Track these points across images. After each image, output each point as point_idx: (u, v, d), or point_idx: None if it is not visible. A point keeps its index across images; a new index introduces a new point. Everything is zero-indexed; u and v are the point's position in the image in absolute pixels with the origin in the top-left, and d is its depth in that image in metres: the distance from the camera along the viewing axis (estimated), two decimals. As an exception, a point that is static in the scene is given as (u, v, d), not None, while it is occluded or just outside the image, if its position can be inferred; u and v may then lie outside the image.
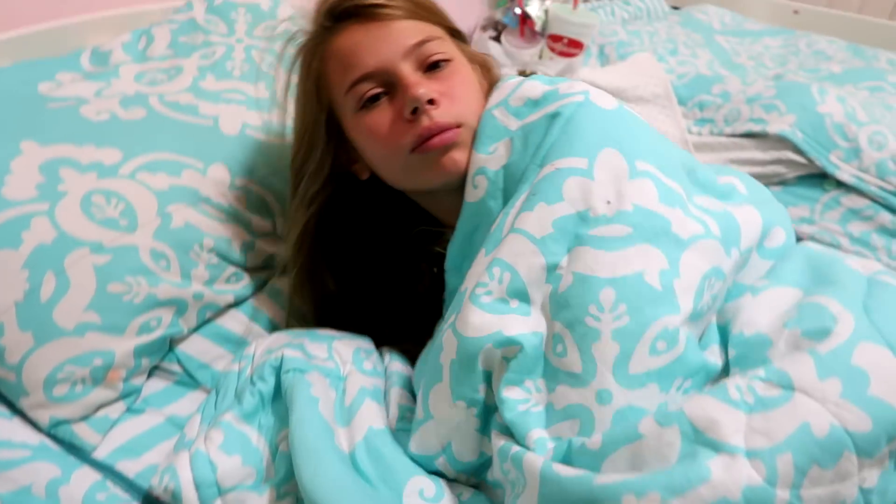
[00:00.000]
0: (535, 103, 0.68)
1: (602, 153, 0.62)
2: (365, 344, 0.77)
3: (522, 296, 0.59)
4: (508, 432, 0.57)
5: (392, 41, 0.69)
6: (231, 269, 0.82)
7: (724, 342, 0.60)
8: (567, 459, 0.52)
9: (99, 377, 0.68)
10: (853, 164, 1.65)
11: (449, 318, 0.62)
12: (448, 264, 0.72)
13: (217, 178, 0.84)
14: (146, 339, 0.72)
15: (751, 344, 0.56)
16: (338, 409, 0.66)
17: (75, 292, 0.68)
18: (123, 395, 0.71)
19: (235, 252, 0.82)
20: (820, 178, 1.59)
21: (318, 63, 0.73)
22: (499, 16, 1.80)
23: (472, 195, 0.68)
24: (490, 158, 0.67)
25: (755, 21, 2.56)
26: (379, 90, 0.69)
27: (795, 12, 2.60)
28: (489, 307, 0.58)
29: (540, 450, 0.54)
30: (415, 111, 0.66)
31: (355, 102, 0.70)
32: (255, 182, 0.87)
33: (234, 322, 0.82)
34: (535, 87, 0.69)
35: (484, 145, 0.67)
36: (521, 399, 0.56)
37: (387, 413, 0.67)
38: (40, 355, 0.66)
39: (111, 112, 0.84)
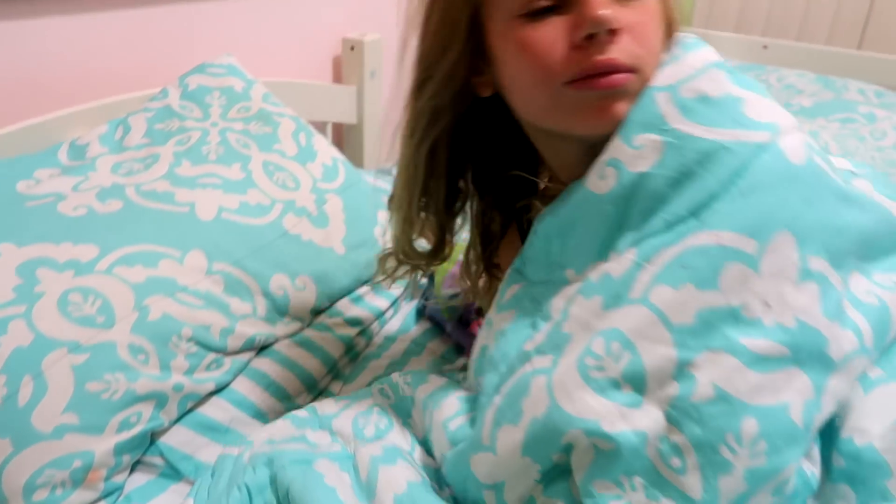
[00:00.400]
0: (710, 104, 0.56)
1: (775, 238, 0.52)
2: (362, 405, 0.76)
3: (638, 384, 0.52)
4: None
5: None
6: (211, 356, 0.83)
7: (826, 439, 0.54)
8: None
9: (79, 479, 0.68)
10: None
11: (542, 357, 0.58)
12: (542, 232, 0.64)
13: (194, 265, 0.85)
14: (126, 435, 0.72)
15: (864, 462, 0.51)
16: (357, 489, 0.64)
17: (53, 394, 0.69)
18: (105, 495, 0.71)
19: (215, 338, 0.83)
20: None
21: None
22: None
23: (594, 184, 0.58)
24: (632, 154, 0.56)
25: (727, 59, 2.60)
26: (553, 2, 0.56)
27: (765, 47, 2.66)
28: (597, 386, 0.53)
29: None
30: (590, 37, 0.54)
31: (519, 6, 0.57)
32: (232, 265, 0.89)
33: (217, 410, 0.82)
34: (718, 80, 0.57)
35: (631, 132, 0.56)
36: (614, 495, 0.52)
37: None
38: (19, 461, 0.66)
39: (88, 206, 0.86)
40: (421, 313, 1.10)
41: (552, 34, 0.56)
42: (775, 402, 0.49)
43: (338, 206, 1.06)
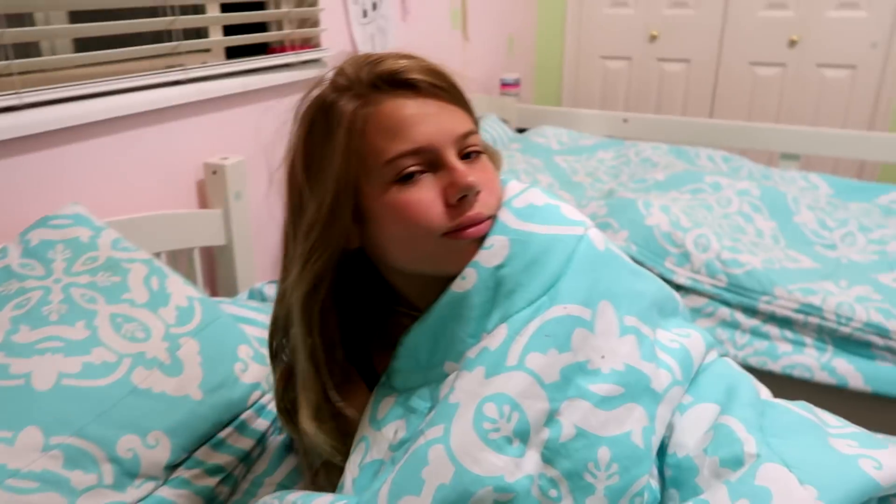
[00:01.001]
0: (537, 211, 0.71)
1: (600, 306, 0.69)
2: None
3: (524, 437, 0.63)
4: None
5: (443, 123, 0.69)
6: (48, 541, 0.79)
7: (659, 456, 0.70)
8: None
9: None
10: (686, 268, 1.80)
11: (434, 428, 0.64)
12: (411, 343, 0.73)
13: (28, 444, 0.82)
14: None
15: (683, 468, 0.67)
16: None
17: None
18: None
19: (53, 520, 0.80)
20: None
21: (361, 122, 0.69)
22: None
23: (458, 285, 0.69)
24: (486, 254, 0.69)
25: (590, 136, 2.79)
26: (420, 168, 0.67)
27: (625, 121, 2.86)
28: (495, 445, 0.62)
29: None
30: (462, 198, 0.67)
31: (394, 174, 0.67)
32: (73, 435, 0.86)
33: None
34: (537, 194, 0.74)
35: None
36: None
37: None
38: None
39: None
40: (289, 447, 1.09)
41: (428, 196, 0.67)
42: (620, 431, 0.64)
43: (193, 349, 1.05)
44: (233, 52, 1.68)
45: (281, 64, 1.71)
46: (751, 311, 1.73)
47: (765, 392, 0.81)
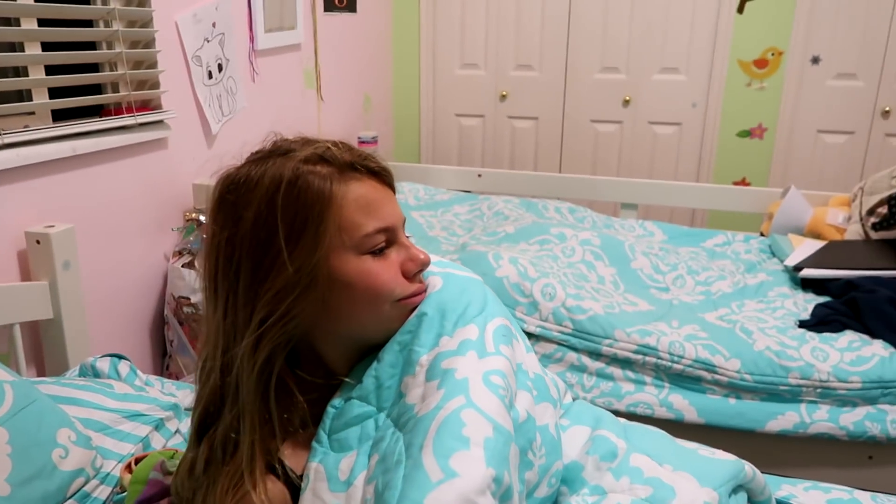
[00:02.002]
0: (440, 265, 0.88)
1: (491, 323, 0.82)
2: None
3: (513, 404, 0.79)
4: None
5: (397, 208, 0.80)
6: None
7: None
8: None
9: None
10: (535, 316, 1.88)
11: (454, 400, 0.70)
12: (385, 362, 0.78)
13: None
14: None
15: (570, 469, 0.82)
16: None
17: None
18: None
19: None
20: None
21: (340, 197, 0.74)
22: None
23: (415, 314, 0.81)
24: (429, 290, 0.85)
25: (446, 191, 2.88)
26: (386, 243, 0.77)
27: (479, 176, 2.99)
28: (509, 406, 0.74)
29: None
30: (418, 272, 0.80)
31: (370, 246, 0.75)
32: None
33: None
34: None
35: None
36: None
37: None
38: None
39: None
40: (118, 537, 1.01)
41: (392, 267, 0.77)
42: (543, 423, 0.79)
43: (2, 439, 0.96)
44: (61, 115, 1.60)
45: (116, 126, 1.65)
46: (595, 355, 1.83)
47: (623, 420, 0.96)
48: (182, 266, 1.79)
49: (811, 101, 3.10)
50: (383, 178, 0.80)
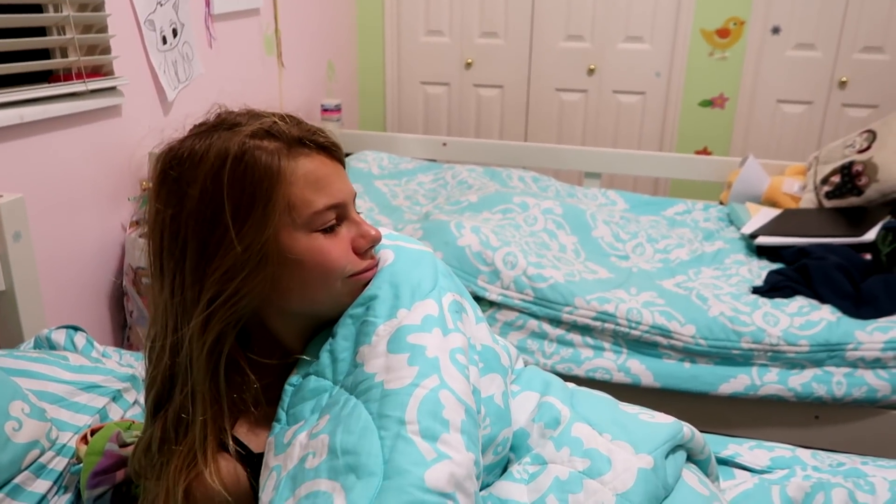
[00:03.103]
0: (391, 238, 0.88)
1: (465, 298, 0.86)
2: None
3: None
4: None
5: (347, 184, 0.79)
6: None
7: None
8: None
9: None
10: (497, 285, 1.90)
11: (429, 379, 0.70)
12: (341, 334, 0.78)
13: None
14: None
15: (517, 435, 0.84)
16: None
17: None
18: None
19: None
20: (476, 300, 1.80)
21: (290, 173, 0.73)
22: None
23: (369, 289, 0.81)
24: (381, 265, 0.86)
25: (410, 160, 2.87)
26: (336, 220, 0.76)
27: (444, 144, 2.98)
28: (472, 384, 0.78)
29: None
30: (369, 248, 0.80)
31: (320, 223, 0.75)
32: None
33: None
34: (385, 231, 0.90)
35: None
36: None
37: None
38: None
39: None
40: (76, 507, 1.01)
41: (342, 244, 0.77)
42: (488, 394, 0.81)
43: (-49, 412, 0.95)
44: (7, 81, 1.55)
45: (66, 93, 1.60)
46: (556, 322, 1.86)
47: (571, 385, 0.98)
48: (139, 237, 1.76)
49: (771, 71, 3.14)
50: (332, 153, 0.79)
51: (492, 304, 1.90)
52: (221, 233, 0.71)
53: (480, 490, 0.77)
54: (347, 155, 2.95)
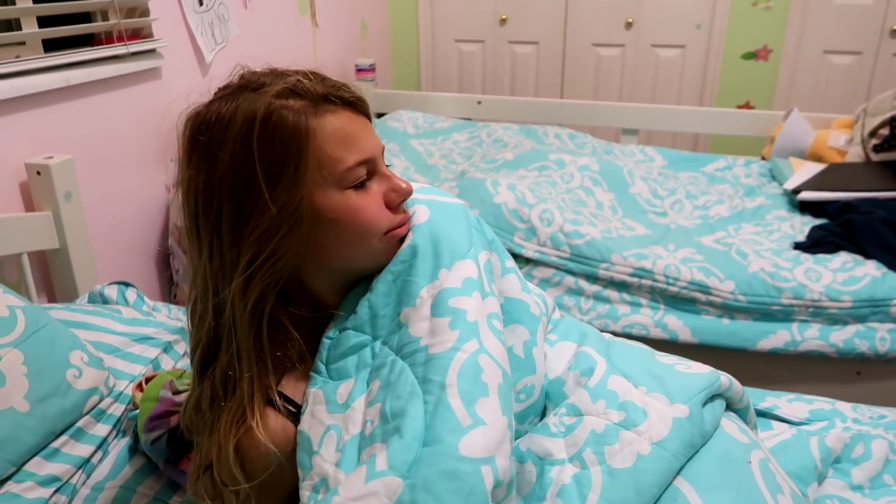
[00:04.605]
0: (423, 190, 0.88)
1: (493, 253, 0.86)
2: None
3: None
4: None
5: (376, 138, 0.79)
6: None
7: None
8: None
9: None
10: (533, 241, 1.90)
11: (469, 343, 0.72)
12: (379, 290, 0.79)
13: None
14: None
15: (554, 383, 0.85)
16: None
17: None
18: None
19: None
20: (512, 257, 1.82)
21: (319, 130, 0.73)
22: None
23: (407, 245, 0.81)
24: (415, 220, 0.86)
25: (445, 119, 2.86)
26: (367, 176, 0.76)
27: (479, 103, 2.96)
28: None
29: None
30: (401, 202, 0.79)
31: (352, 180, 0.75)
32: None
33: None
34: (418, 187, 0.88)
35: None
36: None
37: None
38: None
39: None
40: (134, 450, 1.07)
41: (375, 200, 0.77)
42: (508, 345, 0.80)
43: (16, 360, 1.00)
44: (53, 45, 1.58)
45: (108, 56, 1.63)
46: (592, 278, 1.86)
47: (608, 336, 0.99)
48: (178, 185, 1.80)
49: (818, 20, 3.02)
50: (358, 107, 0.78)
51: (528, 260, 1.91)
52: (255, 195, 0.71)
53: (516, 438, 0.79)
54: (382, 115, 2.97)
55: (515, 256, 1.90)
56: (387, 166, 0.81)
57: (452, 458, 0.65)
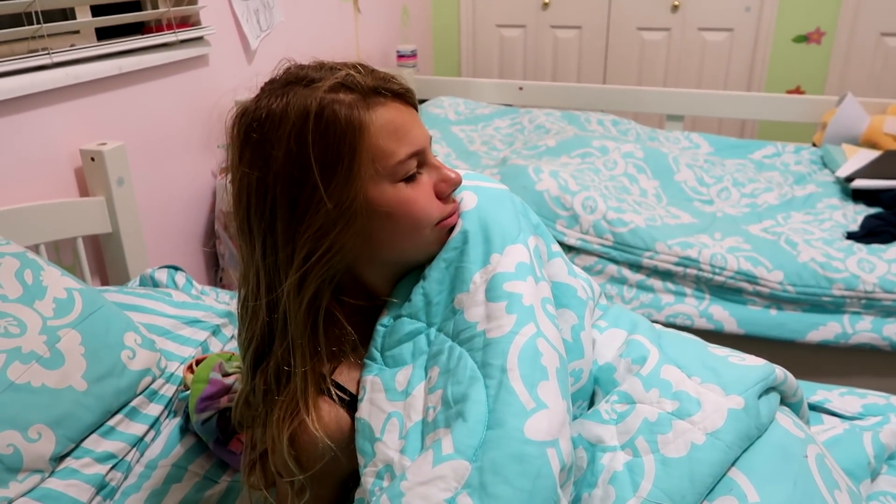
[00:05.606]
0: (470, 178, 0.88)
1: (542, 241, 0.86)
2: None
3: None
4: None
5: (423, 129, 0.79)
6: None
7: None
8: None
9: None
10: (576, 229, 1.89)
11: (526, 327, 0.72)
12: (433, 278, 0.79)
13: None
14: None
15: (603, 369, 0.84)
16: None
17: None
18: None
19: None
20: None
21: (369, 124, 0.73)
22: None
23: (456, 233, 0.82)
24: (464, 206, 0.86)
25: (486, 105, 2.84)
26: (418, 168, 0.76)
27: (520, 89, 2.93)
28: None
29: None
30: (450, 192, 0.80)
31: (402, 173, 0.75)
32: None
33: None
34: (467, 176, 0.88)
35: None
36: None
37: None
38: None
39: None
40: (185, 430, 1.10)
41: (426, 192, 0.77)
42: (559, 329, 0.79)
43: (75, 340, 1.03)
44: (105, 34, 1.62)
45: (158, 44, 1.66)
46: (636, 267, 1.83)
47: (658, 326, 0.98)
48: (229, 183, 1.83)
49: (874, 1, 2.91)
50: (406, 98, 0.78)
51: (570, 248, 1.89)
52: (310, 191, 0.71)
53: None
54: (423, 101, 2.96)
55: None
56: (434, 156, 0.80)
57: (519, 441, 0.65)
